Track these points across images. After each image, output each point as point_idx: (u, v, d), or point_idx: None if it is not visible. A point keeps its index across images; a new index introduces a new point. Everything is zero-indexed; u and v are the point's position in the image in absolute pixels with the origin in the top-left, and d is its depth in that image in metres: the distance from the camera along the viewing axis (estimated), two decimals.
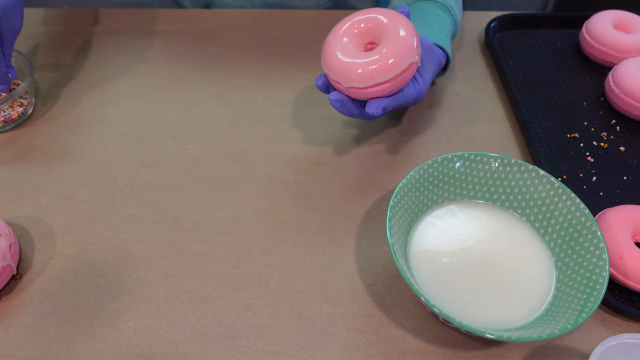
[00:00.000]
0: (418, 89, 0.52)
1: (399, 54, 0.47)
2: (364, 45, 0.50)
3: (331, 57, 0.49)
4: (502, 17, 0.74)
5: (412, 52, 0.47)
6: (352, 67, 0.47)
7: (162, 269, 0.48)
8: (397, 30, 0.48)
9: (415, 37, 0.48)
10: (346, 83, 0.48)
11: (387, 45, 0.47)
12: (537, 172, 0.48)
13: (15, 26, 0.56)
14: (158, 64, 0.68)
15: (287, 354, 0.43)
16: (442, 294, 0.43)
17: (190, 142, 0.59)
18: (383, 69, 0.47)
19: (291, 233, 0.51)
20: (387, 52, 0.47)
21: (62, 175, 0.55)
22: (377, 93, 0.48)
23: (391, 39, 0.47)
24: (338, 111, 0.53)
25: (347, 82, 0.48)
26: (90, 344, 0.43)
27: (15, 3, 0.54)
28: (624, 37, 0.67)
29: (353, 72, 0.47)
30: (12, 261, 0.45)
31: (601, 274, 0.41)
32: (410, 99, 0.52)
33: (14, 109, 0.59)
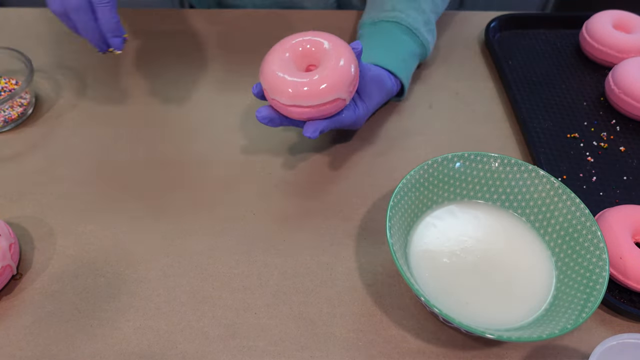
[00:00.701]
0: (357, 114, 0.54)
1: (328, 85, 0.47)
2: (305, 65, 0.50)
3: (266, 65, 0.49)
4: (502, 17, 0.74)
5: (342, 88, 0.48)
6: (281, 81, 0.48)
7: (162, 269, 0.48)
8: (337, 62, 0.48)
9: (349, 75, 0.48)
10: (272, 94, 0.49)
11: (321, 72, 0.47)
12: (537, 172, 0.48)
13: None
14: (158, 64, 0.68)
15: (287, 354, 0.43)
16: (442, 294, 0.43)
17: (190, 142, 0.59)
18: (307, 94, 0.47)
19: (291, 233, 0.51)
20: (317, 78, 0.47)
21: (62, 175, 0.55)
22: (299, 114, 0.48)
23: (327, 68, 0.47)
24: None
25: (272, 94, 0.48)
26: (90, 344, 0.43)
27: None
28: (624, 37, 0.67)
29: (279, 86, 0.48)
30: (12, 261, 0.45)
31: (601, 274, 0.41)
32: (347, 123, 0.53)
33: (14, 109, 0.59)
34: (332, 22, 0.75)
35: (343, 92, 0.48)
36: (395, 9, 0.62)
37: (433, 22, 0.64)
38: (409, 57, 0.61)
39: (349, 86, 0.48)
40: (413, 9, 0.62)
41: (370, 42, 0.60)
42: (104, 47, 0.54)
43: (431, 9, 0.64)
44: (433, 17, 0.64)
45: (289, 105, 0.48)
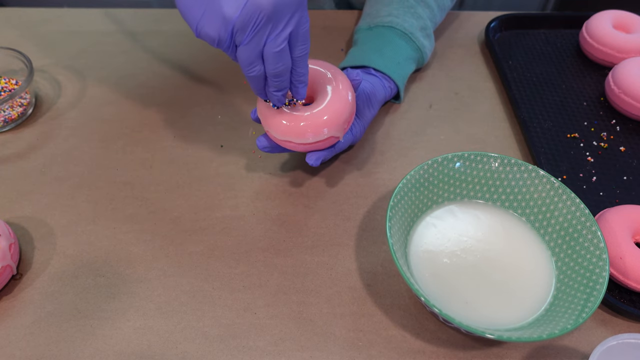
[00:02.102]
0: (354, 135, 0.54)
1: (322, 125, 0.47)
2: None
3: (262, 104, 0.49)
4: (502, 17, 0.74)
5: (336, 128, 0.48)
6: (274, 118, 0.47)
7: (162, 269, 0.48)
8: (332, 102, 0.47)
9: (344, 115, 0.48)
10: (266, 128, 0.49)
11: (316, 112, 0.47)
12: (537, 172, 0.48)
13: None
14: (158, 64, 0.68)
15: (287, 354, 0.43)
16: (442, 294, 0.43)
17: (190, 142, 0.59)
18: (299, 133, 0.47)
19: (291, 233, 0.51)
20: (312, 119, 0.47)
21: (62, 175, 0.55)
22: (294, 147, 0.49)
23: (322, 107, 0.47)
24: None
25: (266, 128, 0.49)
26: (90, 344, 0.43)
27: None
28: (624, 37, 0.67)
29: (272, 122, 0.48)
30: (12, 261, 0.45)
31: (601, 274, 0.41)
32: (346, 146, 0.54)
33: (14, 109, 0.59)
34: (332, 22, 0.75)
35: (337, 131, 0.48)
36: (391, 14, 0.62)
37: (430, 28, 0.65)
38: (404, 61, 0.61)
39: (343, 124, 0.49)
40: (410, 15, 0.62)
41: (365, 46, 0.61)
42: (282, 100, 0.46)
43: (428, 16, 0.64)
44: (430, 23, 0.65)
45: (283, 140, 0.48)
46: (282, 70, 0.42)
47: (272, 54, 0.41)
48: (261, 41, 0.40)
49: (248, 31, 0.39)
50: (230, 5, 0.37)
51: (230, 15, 0.38)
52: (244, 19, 0.38)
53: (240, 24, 0.38)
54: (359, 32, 0.64)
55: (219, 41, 0.39)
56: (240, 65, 0.42)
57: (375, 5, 0.65)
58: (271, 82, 0.43)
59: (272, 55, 0.41)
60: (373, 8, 0.65)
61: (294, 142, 0.48)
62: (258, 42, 0.40)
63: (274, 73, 0.42)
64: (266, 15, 0.38)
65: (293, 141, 0.48)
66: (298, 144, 0.48)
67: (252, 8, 0.38)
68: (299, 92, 0.46)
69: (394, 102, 0.63)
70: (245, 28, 0.38)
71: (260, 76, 0.42)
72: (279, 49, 0.40)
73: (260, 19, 0.38)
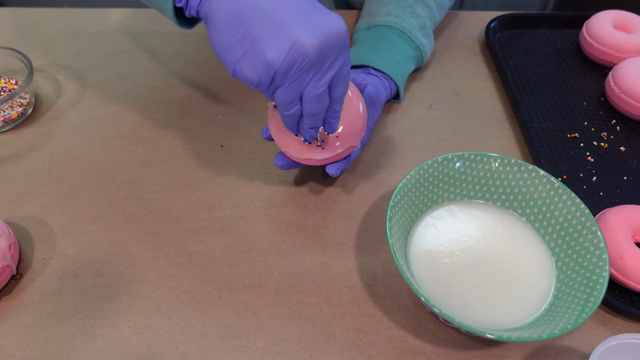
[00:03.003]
0: (363, 140, 0.54)
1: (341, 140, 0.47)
2: None
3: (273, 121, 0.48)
4: (502, 17, 0.74)
5: (354, 139, 0.48)
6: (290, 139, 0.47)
7: (162, 269, 0.48)
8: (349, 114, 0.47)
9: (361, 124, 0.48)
10: (282, 148, 0.48)
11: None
12: (537, 172, 0.48)
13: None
14: (158, 64, 0.68)
15: (287, 354, 0.43)
16: (442, 294, 0.43)
17: (190, 142, 0.59)
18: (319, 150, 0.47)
19: (291, 233, 0.51)
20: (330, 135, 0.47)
21: (62, 175, 0.55)
22: (313, 163, 0.48)
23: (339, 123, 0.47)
24: None
25: (283, 148, 0.48)
26: (90, 344, 0.43)
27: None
28: (624, 37, 0.67)
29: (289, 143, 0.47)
30: (12, 261, 0.45)
31: (601, 274, 0.41)
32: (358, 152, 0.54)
33: (14, 109, 0.59)
34: None
35: (355, 140, 0.48)
36: (390, 14, 0.62)
37: (430, 27, 0.65)
38: (404, 60, 0.61)
39: (360, 132, 0.48)
40: (409, 14, 0.62)
41: (364, 45, 0.61)
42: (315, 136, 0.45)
43: (427, 15, 0.64)
44: (429, 23, 0.65)
45: (303, 159, 0.48)
46: (318, 111, 0.41)
47: (311, 97, 0.39)
48: (302, 84, 0.39)
49: (290, 75, 0.37)
50: (274, 50, 0.36)
51: (273, 61, 0.36)
52: (287, 65, 0.36)
53: (283, 70, 0.37)
54: (358, 32, 0.64)
55: (258, 84, 0.38)
56: (277, 105, 0.41)
57: (374, 5, 0.65)
58: (306, 120, 0.42)
59: (312, 97, 0.39)
60: (372, 8, 0.65)
61: (315, 159, 0.48)
62: (299, 85, 0.39)
63: (311, 113, 0.41)
64: (311, 61, 0.37)
65: (314, 158, 0.48)
66: (318, 160, 0.48)
67: (296, 54, 0.36)
68: (332, 127, 0.45)
69: (394, 102, 0.63)
70: (288, 73, 0.37)
71: (296, 115, 0.41)
72: (319, 92, 0.39)
73: (304, 65, 0.37)
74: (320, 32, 0.36)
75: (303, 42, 0.36)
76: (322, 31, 0.37)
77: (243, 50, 0.37)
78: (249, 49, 0.37)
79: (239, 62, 0.37)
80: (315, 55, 0.36)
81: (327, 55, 0.38)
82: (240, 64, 0.37)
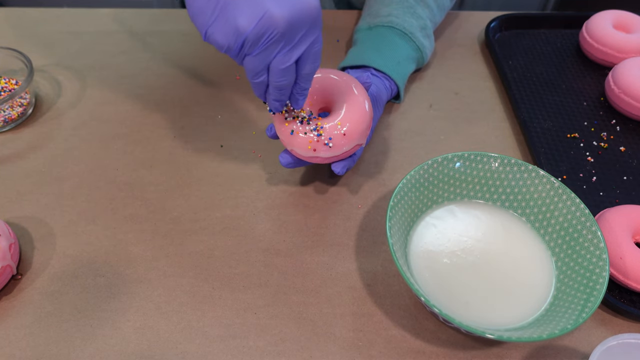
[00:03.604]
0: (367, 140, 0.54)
1: (348, 138, 0.47)
2: (318, 107, 0.50)
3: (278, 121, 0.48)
4: (502, 17, 0.74)
5: (360, 137, 0.48)
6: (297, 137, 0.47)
7: (162, 269, 0.48)
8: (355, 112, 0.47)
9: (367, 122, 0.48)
10: (289, 147, 0.48)
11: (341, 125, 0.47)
12: (537, 172, 0.48)
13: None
14: (158, 64, 0.68)
15: (287, 354, 0.43)
16: (442, 294, 0.43)
17: (190, 142, 0.59)
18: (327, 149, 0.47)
19: (291, 233, 0.51)
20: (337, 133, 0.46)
21: (62, 175, 0.55)
22: (320, 161, 0.48)
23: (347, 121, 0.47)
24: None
25: (289, 147, 0.48)
26: (90, 344, 0.43)
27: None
28: (624, 37, 0.67)
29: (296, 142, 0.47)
30: (12, 261, 0.45)
31: (601, 274, 0.41)
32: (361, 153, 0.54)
33: (14, 109, 0.59)
34: (332, 22, 0.75)
35: (361, 138, 0.48)
36: (391, 14, 0.62)
37: (430, 28, 0.65)
38: (404, 60, 0.61)
39: (366, 130, 0.48)
40: (409, 15, 0.62)
41: (365, 46, 0.61)
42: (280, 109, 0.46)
43: (428, 16, 0.64)
44: (430, 23, 0.65)
45: (310, 157, 0.48)
46: (284, 85, 0.42)
47: (278, 70, 0.40)
48: (270, 55, 0.39)
49: (259, 45, 0.38)
50: (244, 18, 0.37)
51: (244, 28, 0.37)
52: (257, 33, 0.37)
53: (253, 38, 0.37)
54: (359, 32, 0.64)
55: (228, 49, 0.39)
56: (245, 72, 0.42)
57: (374, 5, 0.65)
58: (272, 92, 0.43)
59: (278, 70, 0.40)
60: (373, 8, 0.65)
61: (322, 157, 0.48)
62: (267, 56, 0.39)
63: (277, 86, 0.42)
64: (280, 32, 0.37)
65: (321, 156, 0.48)
66: (325, 158, 0.48)
67: (266, 24, 0.37)
68: (298, 103, 0.45)
69: (394, 102, 0.63)
70: (257, 42, 0.38)
71: (263, 83, 0.42)
72: (286, 66, 0.40)
73: (273, 36, 0.38)
74: (291, 5, 0.37)
75: (273, 13, 0.37)
76: (293, 5, 0.37)
77: (215, 15, 0.38)
78: (221, 15, 0.38)
79: (211, 26, 0.38)
80: (284, 27, 0.37)
81: (297, 29, 0.38)
82: (212, 28, 0.38)
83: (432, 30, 0.65)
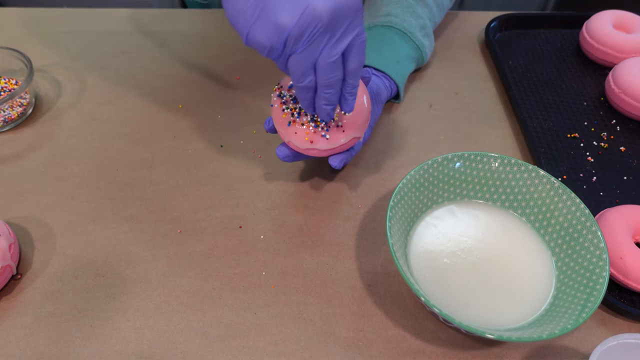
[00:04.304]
0: (365, 135, 0.54)
1: (346, 131, 0.47)
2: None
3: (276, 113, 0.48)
4: (502, 17, 0.74)
5: (358, 130, 0.48)
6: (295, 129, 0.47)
7: (162, 269, 0.48)
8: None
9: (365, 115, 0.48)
10: (286, 139, 0.48)
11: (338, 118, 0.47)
12: (537, 172, 0.48)
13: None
14: (158, 64, 0.68)
15: (287, 354, 0.43)
16: (442, 294, 0.43)
17: (190, 142, 0.59)
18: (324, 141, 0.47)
19: (291, 233, 0.51)
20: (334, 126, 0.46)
21: (62, 175, 0.55)
22: (317, 154, 0.48)
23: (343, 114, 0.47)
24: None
25: (286, 139, 0.48)
26: (90, 344, 0.43)
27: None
28: (624, 37, 0.67)
29: (293, 134, 0.47)
30: (12, 261, 0.45)
31: (601, 274, 0.41)
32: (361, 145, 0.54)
33: (14, 109, 0.59)
34: None
35: (359, 131, 0.48)
36: (390, 14, 0.62)
37: (430, 27, 0.65)
38: (404, 60, 0.61)
39: (365, 123, 0.48)
40: (409, 14, 0.62)
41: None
42: (332, 115, 0.44)
43: (427, 15, 0.64)
44: (430, 23, 0.65)
45: (307, 149, 0.48)
46: (334, 82, 0.40)
47: (326, 65, 0.39)
48: (316, 51, 0.38)
49: (303, 41, 0.37)
50: (286, 14, 0.36)
51: (285, 24, 0.36)
52: (300, 29, 0.36)
53: (296, 34, 0.36)
54: None
55: (270, 49, 0.38)
56: (291, 75, 0.40)
57: (374, 5, 0.65)
58: (322, 94, 0.41)
59: (326, 65, 0.39)
60: (372, 8, 0.65)
61: (319, 149, 0.48)
62: (313, 52, 0.38)
63: (326, 84, 0.40)
64: (324, 25, 0.36)
65: (318, 148, 0.47)
66: (322, 151, 0.48)
67: (309, 17, 0.36)
68: (348, 104, 0.44)
69: (394, 102, 0.63)
70: (301, 38, 0.37)
71: (310, 87, 0.41)
72: (333, 60, 0.39)
73: (317, 29, 0.36)
74: None
75: (315, 6, 0.36)
76: None
77: (256, 15, 0.37)
78: (262, 14, 0.36)
79: (252, 27, 0.37)
80: (327, 19, 0.36)
81: (341, 21, 0.37)
82: (253, 29, 0.37)
83: (431, 30, 0.65)
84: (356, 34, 0.39)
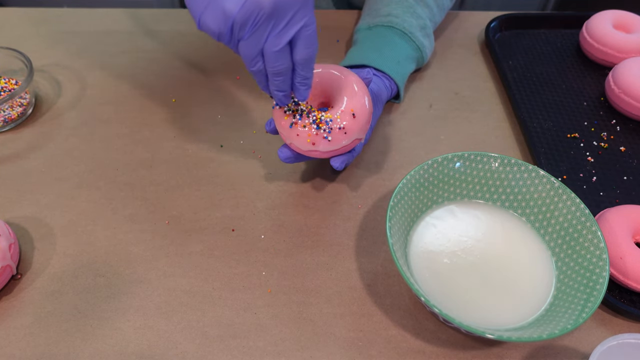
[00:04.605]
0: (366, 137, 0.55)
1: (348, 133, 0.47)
2: (318, 102, 0.50)
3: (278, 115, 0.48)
4: (502, 17, 0.74)
5: (360, 132, 0.48)
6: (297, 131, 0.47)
7: (162, 269, 0.48)
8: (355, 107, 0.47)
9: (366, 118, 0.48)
10: (288, 141, 0.48)
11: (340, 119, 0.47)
12: (537, 172, 0.48)
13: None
14: (158, 64, 0.68)
15: (287, 354, 0.43)
16: (442, 294, 0.43)
17: (190, 142, 0.59)
18: (326, 143, 0.47)
19: (291, 233, 0.51)
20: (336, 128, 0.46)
21: (62, 175, 0.55)
22: (319, 155, 0.48)
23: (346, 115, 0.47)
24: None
25: (288, 140, 0.48)
26: (90, 344, 0.43)
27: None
28: (624, 37, 0.67)
29: (295, 136, 0.47)
30: (12, 261, 0.45)
31: (601, 274, 0.41)
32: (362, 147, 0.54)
33: (14, 109, 0.59)
34: (331, 22, 0.75)
35: (361, 133, 0.48)
36: (390, 14, 0.62)
37: (430, 27, 0.65)
38: (404, 60, 0.61)
39: (366, 125, 0.48)
40: (409, 14, 0.62)
41: (365, 45, 0.61)
42: (285, 101, 0.46)
43: (428, 16, 0.64)
44: (430, 23, 0.65)
45: (308, 150, 0.48)
46: (281, 70, 0.42)
47: (271, 53, 0.41)
48: (261, 38, 0.40)
49: (247, 27, 0.39)
50: (231, 1, 0.38)
51: (230, 11, 0.38)
52: (243, 15, 0.38)
53: (240, 20, 0.38)
54: (359, 32, 0.64)
55: (219, 35, 0.39)
56: (242, 60, 0.42)
57: (374, 5, 0.65)
58: (271, 80, 0.43)
59: (271, 54, 0.41)
60: (372, 8, 0.65)
61: (320, 151, 0.48)
62: (258, 39, 0.40)
63: (273, 72, 0.42)
64: (266, 13, 0.38)
65: (319, 150, 0.47)
66: (324, 152, 0.48)
67: (252, 5, 0.38)
68: (300, 93, 0.45)
69: (394, 102, 0.63)
70: (245, 24, 0.38)
71: (262, 71, 0.43)
72: (278, 49, 0.40)
73: (260, 17, 0.38)
74: None
75: None
76: None
77: (207, 2, 0.38)
78: (212, 1, 0.38)
79: (203, 12, 0.39)
80: (270, 7, 0.38)
81: (285, 10, 0.39)
82: (205, 14, 0.39)
83: (432, 30, 0.65)
84: (303, 24, 0.40)
